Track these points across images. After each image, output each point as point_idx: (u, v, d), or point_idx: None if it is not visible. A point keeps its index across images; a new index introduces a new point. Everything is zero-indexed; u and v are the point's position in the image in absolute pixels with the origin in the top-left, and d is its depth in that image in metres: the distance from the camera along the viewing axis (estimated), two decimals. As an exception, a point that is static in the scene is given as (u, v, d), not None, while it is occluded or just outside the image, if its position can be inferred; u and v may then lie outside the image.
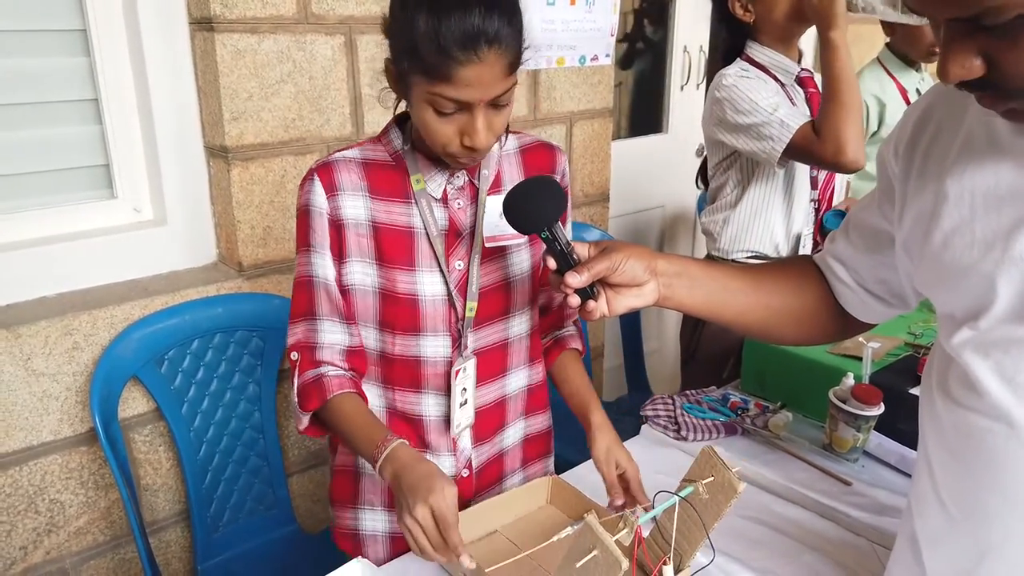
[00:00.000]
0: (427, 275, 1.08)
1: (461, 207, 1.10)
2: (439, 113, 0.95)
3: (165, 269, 1.71)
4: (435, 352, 1.11)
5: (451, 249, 1.09)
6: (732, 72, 1.67)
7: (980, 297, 0.69)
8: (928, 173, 0.76)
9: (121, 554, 1.68)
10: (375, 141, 1.10)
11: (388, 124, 1.11)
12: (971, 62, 0.58)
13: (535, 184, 0.98)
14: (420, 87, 0.94)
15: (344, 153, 1.08)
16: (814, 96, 1.76)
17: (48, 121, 1.56)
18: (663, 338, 3.18)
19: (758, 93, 1.62)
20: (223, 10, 1.54)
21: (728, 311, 1.00)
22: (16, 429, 1.49)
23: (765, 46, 1.71)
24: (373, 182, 1.06)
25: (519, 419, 1.25)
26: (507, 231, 1.12)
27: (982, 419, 0.69)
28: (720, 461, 0.90)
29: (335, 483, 1.22)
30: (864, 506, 1.17)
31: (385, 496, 1.19)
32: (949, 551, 0.75)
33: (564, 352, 1.27)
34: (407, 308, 1.08)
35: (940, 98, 0.79)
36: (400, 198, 1.07)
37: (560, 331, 1.29)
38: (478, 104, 0.94)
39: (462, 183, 1.10)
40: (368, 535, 1.20)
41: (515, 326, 1.18)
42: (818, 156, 1.58)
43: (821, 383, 1.35)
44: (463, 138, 0.96)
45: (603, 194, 2.48)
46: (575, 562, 0.76)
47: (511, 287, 1.15)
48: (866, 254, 0.94)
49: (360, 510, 1.20)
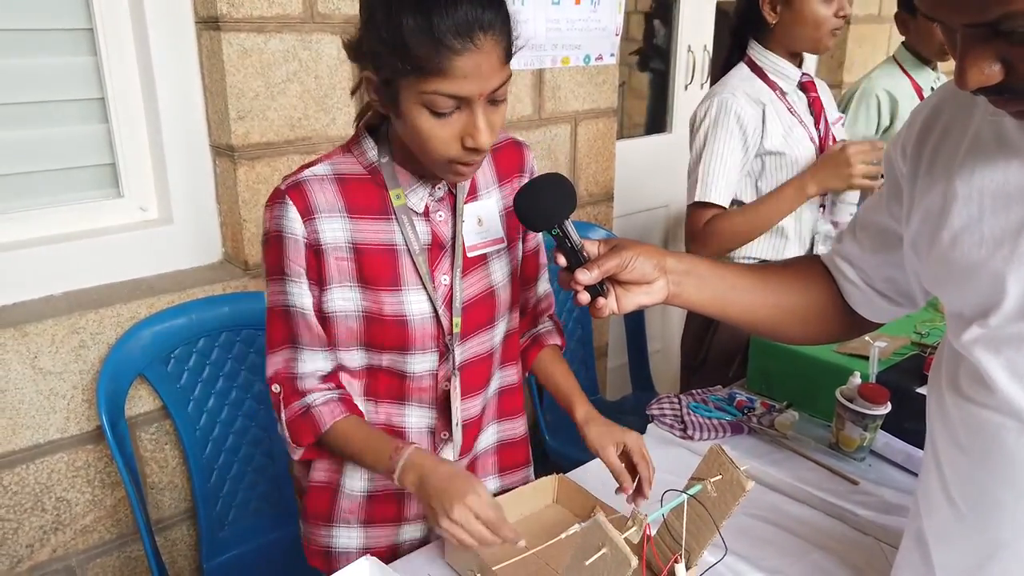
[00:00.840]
0: (413, 294, 1.04)
1: (443, 219, 1.06)
2: (436, 116, 0.89)
3: (171, 268, 1.72)
4: (422, 368, 1.08)
5: (435, 263, 1.06)
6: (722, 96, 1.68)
7: (990, 295, 0.69)
8: (936, 172, 0.77)
9: (127, 552, 1.69)
10: (344, 151, 1.04)
11: (357, 133, 1.04)
12: (990, 68, 0.58)
13: (546, 181, 0.97)
14: (412, 90, 0.89)
15: (313, 170, 1.00)
16: (816, 101, 1.76)
17: (54, 120, 1.57)
18: (667, 338, 3.18)
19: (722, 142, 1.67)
20: (229, 9, 1.54)
21: (736, 309, 1.00)
22: (23, 427, 1.49)
23: (769, 50, 1.71)
24: (350, 200, 1.00)
25: (491, 423, 1.22)
26: (487, 238, 1.10)
27: (993, 415, 0.69)
28: (728, 459, 0.90)
29: (310, 499, 1.17)
30: (871, 505, 1.17)
31: (361, 514, 1.15)
32: (958, 548, 0.76)
33: (543, 350, 1.25)
34: (395, 329, 1.04)
35: (948, 97, 0.79)
36: (380, 214, 1.02)
37: (537, 328, 1.27)
38: (477, 99, 0.89)
39: (442, 194, 1.06)
40: (341, 552, 1.17)
41: (499, 334, 1.16)
42: (689, 233, 1.74)
43: (828, 382, 1.35)
44: (464, 140, 0.91)
45: (607, 194, 2.48)
46: (584, 560, 0.77)
47: (495, 295, 1.12)
48: (873, 253, 0.94)
49: (335, 527, 1.16)
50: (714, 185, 1.67)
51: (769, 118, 1.68)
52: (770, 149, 1.68)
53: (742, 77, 1.72)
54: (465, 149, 0.93)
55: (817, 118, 1.75)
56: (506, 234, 1.13)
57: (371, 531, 1.16)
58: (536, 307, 1.26)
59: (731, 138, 1.66)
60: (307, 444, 1.06)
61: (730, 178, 1.68)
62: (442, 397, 1.11)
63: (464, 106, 0.90)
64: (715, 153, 1.67)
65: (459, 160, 0.94)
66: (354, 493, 1.14)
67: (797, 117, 1.72)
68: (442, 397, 1.11)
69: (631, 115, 3.04)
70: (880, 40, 3.58)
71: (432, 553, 1.11)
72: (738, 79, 1.72)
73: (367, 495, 1.15)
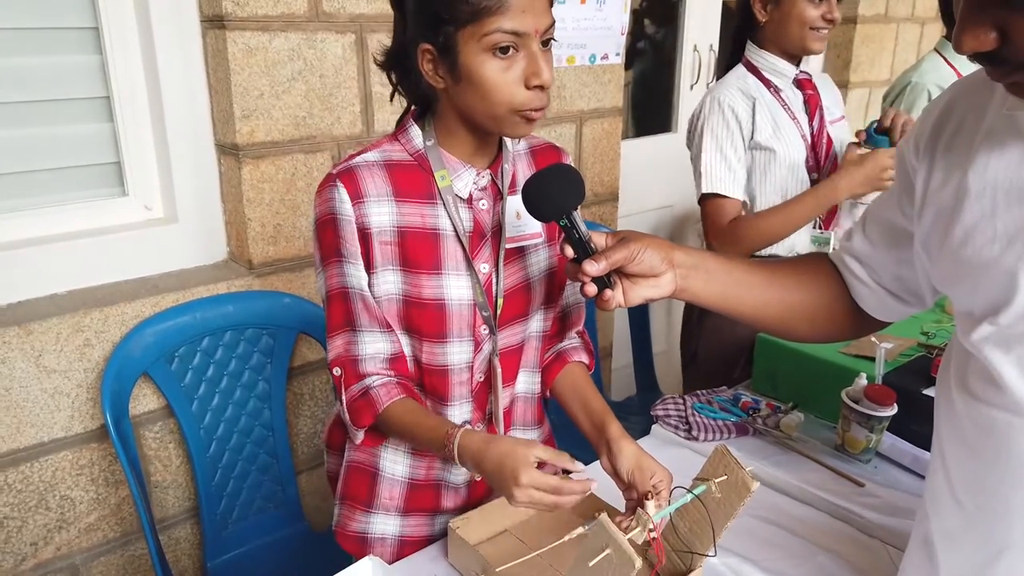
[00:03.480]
0: (453, 278, 1.05)
1: (485, 208, 1.07)
2: (499, 58, 0.93)
3: (176, 267, 1.72)
4: (460, 359, 1.09)
5: (475, 251, 1.07)
6: (716, 93, 1.72)
7: (1001, 292, 0.69)
8: (950, 168, 0.76)
9: (131, 551, 1.69)
10: (391, 140, 1.07)
11: (404, 122, 1.07)
12: (986, 34, 0.59)
13: (554, 172, 0.97)
14: (473, 38, 0.92)
15: (364, 156, 1.04)
16: (812, 99, 1.78)
17: (60, 119, 1.57)
18: (672, 339, 3.16)
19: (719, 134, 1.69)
20: (234, 8, 1.54)
21: (743, 305, 0.99)
22: (27, 426, 1.50)
23: (764, 50, 1.74)
24: (397, 184, 1.03)
25: (517, 427, 1.22)
26: (526, 231, 1.11)
27: (1003, 414, 0.69)
28: (733, 460, 0.89)
29: (349, 479, 1.18)
30: (877, 507, 1.16)
31: (401, 502, 1.16)
32: (965, 549, 0.75)
33: (569, 366, 1.20)
34: (433, 313, 1.05)
35: (961, 93, 0.79)
36: (425, 199, 1.04)
37: (563, 344, 1.23)
38: (534, 35, 0.94)
39: (486, 183, 1.08)
40: (377, 538, 1.17)
41: (532, 327, 1.16)
42: (710, 229, 1.73)
43: (833, 383, 1.34)
44: (529, 79, 0.95)
45: (612, 193, 2.48)
46: (588, 561, 0.76)
47: (531, 288, 1.13)
48: (883, 251, 0.93)
49: (373, 513, 1.16)
50: (717, 175, 1.70)
51: (759, 112, 1.71)
52: (760, 143, 1.71)
53: (738, 75, 1.77)
54: (529, 90, 0.96)
55: (811, 116, 1.76)
56: (544, 232, 1.14)
57: (408, 520, 1.17)
58: (565, 316, 1.23)
59: (727, 129, 1.70)
60: (366, 426, 1.06)
61: (733, 168, 1.70)
62: (478, 389, 1.12)
63: (522, 47, 0.94)
64: (713, 146, 1.70)
65: (526, 105, 0.96)
66: (395, 478, 1.15)
67: (790, 113, 1.73)
68: (478, 389, 1.12)
69: (636, 114, 3.03)
70: (886, 40, 3.57)
71: (436, 553, 1.11)
72: (734, 77, 1.76)
73: (407, 481, 1.16)
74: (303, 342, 1.78)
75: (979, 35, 0.59)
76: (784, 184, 1.74)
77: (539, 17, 0.94)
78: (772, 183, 1.74)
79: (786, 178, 1.73)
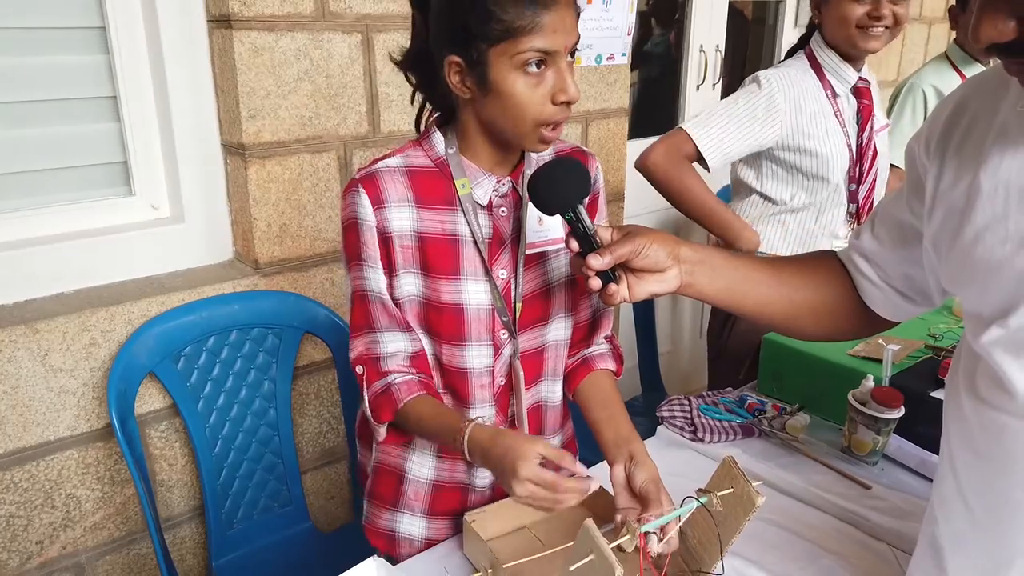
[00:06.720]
0: (472, 283, 1.06)
1: (505, 215, 1.08)
2: (529, 75, 0.94)
3: (182, 266, 1.72)
4: (479, 363, 1.10)
5: (494, 258, 1.08)
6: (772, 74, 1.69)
7: (1011, 294, 0.68)
8: (961, 167, 0.75)
9: (136, 549, 1.69)
10: (415, 145, 1.09)
11: (428, 129, 1.09)
12: (1004, 24, 0.58)
13: (560, 165, 0.97)
14: (505, 56, 0.94)
15: (387, 162, 1.06)
16: (866, 109, 1.74)
17: (66, 118, 1.57)
18: (677, 340, 3.16)
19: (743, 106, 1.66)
20: (241, 8, 1.54)
21: (748, 302, 0.99)
22: (33, 424, 1.50)
23: (830, 48, 1.71)
24: (418, 190, 1.05)
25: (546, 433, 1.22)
26: (548, 236, 1.11)
27: (1012, 419, 0.68)
28: (740, 473, 0.89)
29: (378, 480, 1.21)
30: (884, 510, 1.16)
31: (425, 504, 1.18)
32: (974, 554, 0.74)
33: (595, 373, 1.19)
34: (451, 317, 1.07)
35: (973, 91, 0.78)
36: (445, 205, 1.05)
37: (590, 349, 1.22)
38: (562, 53, 0.95)
39: (506, 190, 1.09)
40: (404, 537, 1.20)
41: (552, 332, 1.16)
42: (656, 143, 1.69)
43: (840, 385, 1.34)
44: (556, 95, 0.96)
45: (618, 194, 2.48)
46: (571, 565, 0.76)
47: (550, 293, 1.14)
48: (891, 249, 0.93)
49: (399, 513, 1.19)
50: (707, 129, 1.67)
51: (806, 112, 1.68)
52: (801, 146, 1.68)
53: (800, 69, 1.72)
54: (558, 104, 0.97)
55: (862, 127, 1.73)
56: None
57: (433, 523, 1.19)
58: (595, 321, 1.22)
59: (753, 108, 1.66)
60: (387, 421, 1.07)
61: (729, 135, 1.66)
62: (499, 393, 1.13)
63: (551, 64, 0.96)
64: (730, 110, 1.67)
65: (550, 120, 0.98)
66: (420, 480, 1.17)
67: (840, 121, 1.71)
68: (499, 393, 1.13)
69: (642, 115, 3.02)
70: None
71: (453, 545, 1.12)
72: (796, 70, 1.72)
73: (432, 483, 1.17)
74: (309, 342, 1.79)
75: (998, 25, 0.58)
76: (816, 190, 1.72)
77: (568, 35, 0.96)
78: (805, 187, 1.72)
79: (822, 186, 1.72)
